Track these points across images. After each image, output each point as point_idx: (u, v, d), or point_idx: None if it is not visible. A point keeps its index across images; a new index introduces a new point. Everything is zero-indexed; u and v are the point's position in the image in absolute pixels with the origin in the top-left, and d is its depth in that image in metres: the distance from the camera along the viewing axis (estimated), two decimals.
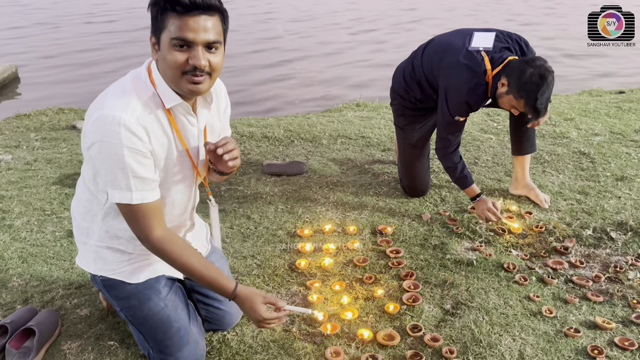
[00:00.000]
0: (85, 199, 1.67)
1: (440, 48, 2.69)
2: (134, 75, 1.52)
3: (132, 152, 1.42)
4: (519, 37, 2.67)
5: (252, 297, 1.60)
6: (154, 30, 1.43)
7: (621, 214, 2.78)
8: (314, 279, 2.31)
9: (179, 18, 1.36)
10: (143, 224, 1.51)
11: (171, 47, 1.39)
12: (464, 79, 2.52)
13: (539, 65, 2.35)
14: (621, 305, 2.14)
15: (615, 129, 3.99)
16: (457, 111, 2.59)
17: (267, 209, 2.94)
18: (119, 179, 1.45)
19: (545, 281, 2.28)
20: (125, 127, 1.39)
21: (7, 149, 3.87)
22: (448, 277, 2.29)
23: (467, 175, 2.71)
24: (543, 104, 2.37)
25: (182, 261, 1.55)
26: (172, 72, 1.42)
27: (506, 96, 2.46)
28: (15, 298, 2.15)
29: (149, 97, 1.48)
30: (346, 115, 4.63)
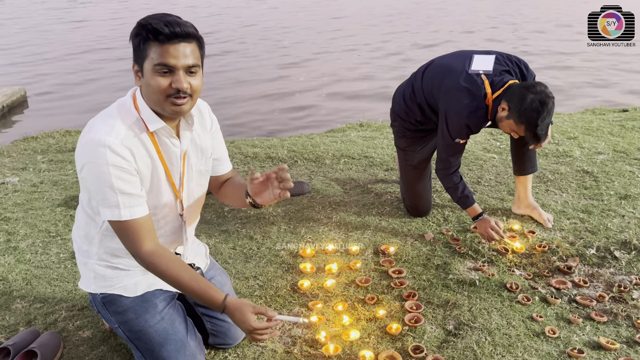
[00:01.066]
0: (84, 222, 1.74)
1: (440, 71, 2.71)
2: (119, 103, 1.62)
3: (118, 170, 1.51)
4: (519, 60, 2.70)
5: (241, 307, 1.61)
6: (137, 59, 1.54)
7: (625, 233, 2.76)
8: (316, 299, 2.31)
9: (161, 46, 1.47)
10: (133, 239, 1.57)
11: (154, 73, 1.49)
12: (464, 102, 2.54)
13: (540, 91, 2.37)
14: (625, 325, 2.12)
15: (618, 147, 3.99)
16: (457, 134, 2.60)
17: (270, 229, 2.95)
18: (108, 197, 1.53)
19: (549, 301, 2.27)
20: (109, 148, 1.49)
21: (14, 172, 3.92)
22: (450, 298, 2.28)
23: (468, 195, 2.71)
24: (543, 130, 2.39)
25: (171, 273, 1.59)
26: (157, 96, 1.52)
27: (506, 120, 2.48)
28: (18, 320, 2.16)
29: (133, 122, 1.57)
30: (349, 135, 4.66)
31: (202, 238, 2.84)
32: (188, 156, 1.74)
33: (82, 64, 9.60)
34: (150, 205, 1.64)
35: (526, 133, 2.44)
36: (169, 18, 1.48)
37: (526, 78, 2.67)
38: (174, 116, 1.59)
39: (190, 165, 1.76)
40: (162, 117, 1.60)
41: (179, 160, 1.70)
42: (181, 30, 1.47)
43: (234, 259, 2.66)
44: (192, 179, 1.78)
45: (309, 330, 2.11)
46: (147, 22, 1.47)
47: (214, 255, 2.67)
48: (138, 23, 1.49)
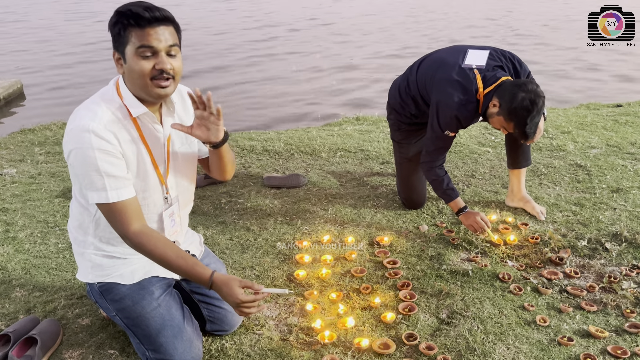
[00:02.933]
0: (78, 213, 1.78)
1: (434, 64, 2.74)
2: (102, 91, 1.67)
3: (102, 153, 1.56)
4: (513, 56, 2.73)
5: (228, 281, 1.65)
6: (117, 46, 1.58)
7: (616, 225, 2.81)
8: (312, 289, 2.34)
9: (142, 30, 1.52)
10: (120, 220, 1.62)
11: (137, 56, 1.54)
12: (455, 95, 2.56)
13: (531, 90, 2.39)
14: (615, 315, 2.16)
15: (611, 142, 4.03)
16: (447, 126, 2.63)
17: (267, 221, 2.98)
18: (95, 180, 1.57)
19: (540, 291, 2.31)
20: (93, 133, 1.54)
21: (11, 163, 3.94)
22: (444, 287, 2.32)
23: (453, 189, 2.75)
24: (532, 129, 2.43)
25: (159, 252, 1.63)
26: (141, 80, 1.56)
27: (497, 117, 2.51)
28: (18, 308, 2.19)
29: (117, 108, 1.62)
30: (346, 129, 4.69)
31: (200, 229, 2.87)
32: (172, 141, 1.78)
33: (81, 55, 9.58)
34: (138, 189, 1.69)
35: (515, 130, 2.47)
36: (146, 4, 1.54)
37: (519, 74, 2.70)
38: (157, 100, 1.64)
39: (175, 150, 1.80)
40: (144, 103, 1.64)
41: (162, 146, 1.74)
42: (160, 14, 1.53)
43: (231, 249, 2.69)
44: (178, 163, 1.82)
45: (304, 319, 2.15)
46: (126, 9, 1.52)
47: (211, 246, 2.70)
48: (116, 11, 1.54)
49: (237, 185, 3.47)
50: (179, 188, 1.86)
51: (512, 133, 2.56)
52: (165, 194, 1.80)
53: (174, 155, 1.79)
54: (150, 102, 1.65)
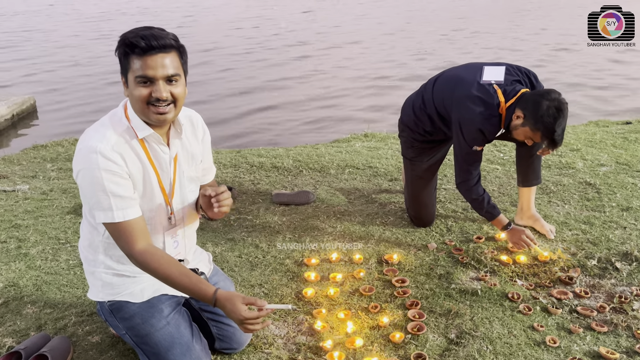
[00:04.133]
0: (88, 232, 1.82)
1: (451, 82, 2.76)
2: (111, 113, 1.72)
3: (109, 174, 1.60)
4: (528, 71, 2.75)
5: (231, 298, 1.66)
6: (122, 71, 1.64)
7: (626, 244, 2.79)
8: (321, 307, 2.35)
9: (140, 59, 1.56)
10: (126, 239, 1.65)
11: (136, 83, 1.59)
12: (478, 110, 2.58)
13: (555, 98, 2.42)
14: (625, 336, 2.14)
15: (621, 160, 4.02)
16: (473, 141, 2.63)
17: (275, 238, 2.99)
18: (102, 200, 1.61)
19: (550, 311, 2.30)
20: (101, 154, 1.58)
21: (24, 179, 3.99)
22: (453, 307, 2.32)
23: (495, 206, 2.75)
24: (560, 135, 2.44)
25: (162, 270, 1.66)
26: (139, 105, 1.62)
27: (522, 128, 2.52)
28: (29, 325, 2.21)
29: (124, 130, 1.66)
30: (354, 146, 4.71)
31: (209, 246, 2.89)
32: (179, 162, 1.81)
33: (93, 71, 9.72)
34: (144, 209, 1.72)
35: (543, 139, 2.48)
36: (145, 32, 1.56)
37: (535, 88, 2.71)
38: (159, 124, 1.68)
39: (182, 171, 1.83)
40: (150, 125, 1.68)
41: (168, 167, 1.77)
42: (157, 42, 1.55)
43: (240, 267, 2.70)
44: (183, 184, 1.85)
45: (313, 338, 2.15)
46: (125, 37, 1.57)
47: (220, 263, 2.71)
48: (119, 38, 1.58)
49: (246, 202, 3.49)
50: (184, 208, 1.88)
51: (527, 148, 2.57)
52: (169, 214, 1.83)
53: (180, 175, 1.83)
54: (155, 125, 1.68)
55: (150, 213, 1.76)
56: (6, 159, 4.71)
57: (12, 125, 6.62)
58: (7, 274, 2.60)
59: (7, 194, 3.65)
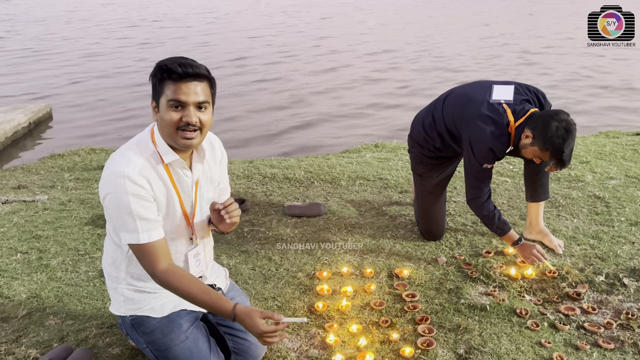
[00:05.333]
0: (112, 250, 1.91)
1: (461, 100, 2.81)
2: (138, 138, 1.80)
3: (136, 197, 1.68)
4: (537, 90, 2.80)
5: (250, 313, 1.73)
6: (154, 96, 1.73)
7: (634, 260, 2.83)
8: (332, 321, 2.41)
9: (174, 84, 1.66)
10: (149, 260, 1.74)
11: (168, 107, 1.68)
12: (488, 129, 2.63)
13: (563, 119, 2.47)
14: (632, 353, 2.18)
15: (630, 173, 4.05)
16: (483, 159, 2.69)
17: (288, 251, 3.06)
18: (128, 222, 1.69)
19: (557, 327, 2.34)
20: (128, 178, 1.66)
21: (43, 189, 4.10)
22: (462, 322, 2.37)
23: (505, 222, 2.80)
24: (568, 156, 2.49)
25: (184, 288, 1.74)
26: (169, 129, 1.70)
27: (531, 147, 2.58)
28: (52, 336, 2.30)
29: (150, 155, 1.75)
30: (364, 157, 4.77)
31: (223, 258, 2.97)
32: (200, 185, 1.91)
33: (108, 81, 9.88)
34: (167, 230, 1.81)
35: (551, 159, 2.53)
36: (183, 60, 1.67)
37: (544, 107, 2.76)
38: (185, 149, 1.76)
39: (202, 193, 1.93)
40: (175, 150, 1.76)
41: (190, 190, 1.87)
42: (193, 70, 1.66)
43: (254, 279, 2.77)
44: (203, 206, 1.95)
45: (325, 352, 2.21)
46: (163, 64, 1.67)
47: (235, 276, 2.79)
48: (156, 64, 1.69)
49: (259, 214, 3.57)
50: (203, 228, 1.97)
51: (535, 164, 2.62)
52: (191, 235, 1.91)
53: (200, 198, 1.91)
54: (180, 149, 1.77)
55: (172, 234, 1.85)
56: (25, 168, 4.84)
57: (29, 133, 6.75)
58: (29, 285, 2.69)
59: (27, 204, 3.76)
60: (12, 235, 3.26)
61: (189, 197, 1.87)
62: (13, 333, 2.32)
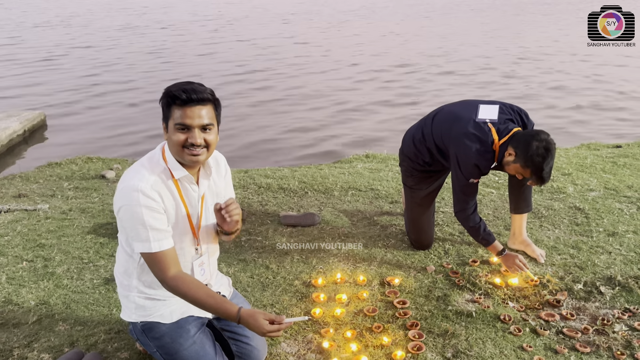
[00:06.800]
0: (124, 260, 2.04)
1: (449, 118, 2.99)
2: (150, 155, 1.97)
3: (148, 209, 1.82)
4: (520, 109, 2.98)
5: (254, 314, 1.88)
6: (164, 118, 1.89)
7: (611, 269, 3.01)
8: (328, 327, 2.55)
9: (180, 109, 1.82)
10: (160, 267, 1.88)
11: (175, 130, 1.84)
12: (474, 147, 2.80)
13: (543, 139, 2.65)
14: (606, 356, 2.36)
15: (609, 185, 4.25)
16: (470, 174, 2.86)
17: (284, 259, 3.20)
18: (140, 232, 1.83)
19: (538, 332, 2.51)
20: (142, 192, 1.81)
21: (43, 198, 4.20)
22: (449, 328, 2.53)
23: (490, 233, 2.98)
24: (548, 174, 2.67)
25: (192, 294, 1.88)
26: (176, 148, 1.86)
27: (513, 164, 2.75)
28: (62, 341, 2.42)
29: (161, 171, 1.90)
30: (356, 167, 4.94)
31: (223, 267, 3.10)
32: (205, 200, 2.06)
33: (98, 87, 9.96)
34: (175, 240, 1.95)
35: (532, 176, 2.71)
36: (187, 86, 1.81)
37: (527, 126, 2.95)
38: (192, 164, 1.92)
39: (207, 207, 2.07)
40: (184, 166, 1.92)
41: (197, 203, 2.01)
42: (196, 96, 1.81)
43: (252, 287, 2.91)
44: (209, 219, 2.09)
45: (321, 355, 2.35)
46: (169, 90, 1.82)
47: (234, 284, 2.92)
48: (164, 90, 1.84)
49: (256, 223, 3.71)
50: (208, 239, 2.12)
51: (522, 179, 2.80)
52: (196, 246, 2.06)
53: (206, 211, 2.06)
54: (189, 165, 1.92)
55: (180, 244, 1.99)
56: (23, 176, 4.93)
57: (24, 141, 6.82)
58: (37, 292, 2.81)
59: (29, 213, 3.86)
60: (16, 243, 3.37)
61: (195, 210, 2.01)
62: (25, 338, 2.43)
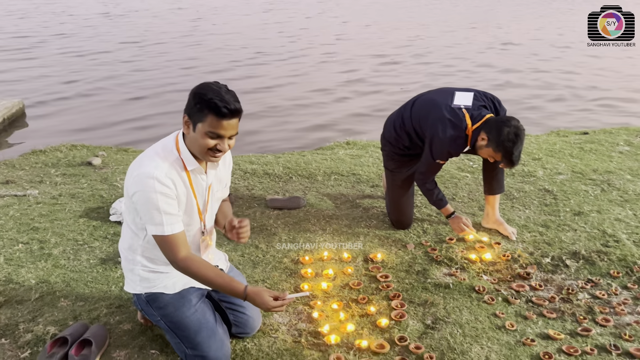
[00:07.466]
0: (129, 237, 2.19)
1: (427, 104, 3.19)
2: (163, 144, 2.08)
3: (163, 195, 1.96)
4: (493, 97, 3.20)
5: (259, 292, 2.06)
6: (191, 115, 1.96)
7: (576, 245, 3.26)
8: (316, 299, 2.74)
9: (217, 120, 1.91)
10: (171, 249, 2.02)
11: (205, 135, 1.94)
12: (448, 132, 3.02)
13: (514, 125, 2.86)
14: (570, 321, 2.60)
15: (576, 169, 4.52)
16: (438, 156, 3.09)
17: (272, 239, 3.37)
18: (154, 216, 1.97)
19: (510, 301, 2.74)
20: (157, 179, 1.94)
21: (32, 184, 4.27)
22: (429, 298, 2.74)
23: (442, 198, 3.26)
24: (517, 157, 2.89)
25: (202, 274, 2.04)
26: (201, 149, 1.99)
27: (486, 148, 2.96)
28: (66, 316, 2.55)
29: (174, 160, 2.03)
30: (338, 153, 5.11)
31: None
32: (212, 188, 2.22)
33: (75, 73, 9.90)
34: (184, 223, 2.10)
35: (503, 159, 2.93)
36: (227, 97, 1.89)
37: (499, 112, 3.16)
38: (208, 162, 2.09)
39: (213, 193, 2.24)
40: (196, 158, 2.06)
41: (205, 191, 2.18)
42: (235, 108, 1.91)
43: (244, 265, 3.07)
44: (213, 204, 2.27)
45: (312, 324, 2.54)
46: (211, 99, 1.88)
47: None
48: (201, 92, 1.90)
49: (244, 207, 3.86)
50: (211, 221, 2.30)
51: (496, 161, 3.02)
52: (202, 228, 2.23)
53: (211, 198, 2.23)
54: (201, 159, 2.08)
55: (188, 227, 2.15)
56: (8, 163, 4.96)
57: (2, 130, 6.81)
58: (36, 272, 2.92)
59: (19, 199, 3.94)
60: (10, 227, 3.46)
61: (202, 197, 2.17)
62: (29, 314, 2.56)
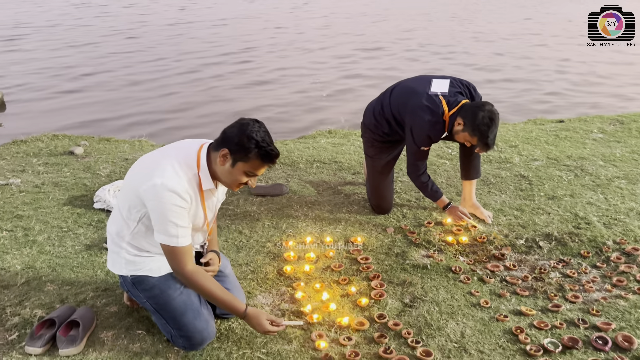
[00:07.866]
0: (119, 224, 2.25)
1: (405, 92, 3.28)
2: (185, 155, 2.14)
3: (180, 209, 2.07)
4: (469, 83, 3.29)
5: (258, 315, 2.22)
6: (234, 152, 2.07)
7: (549, 227, 3.38)
8: (299, 281, 2.82)
9: (261, 164, 2.10)
10: (179, 260, 2.13)
11: (243, 173, 2.11)
12: (426, 118, 3.10)
13: (489, 110, 2.96)
14: (542, 298, 2.71)
15: (551, 155, 4.66)
16: (421, 142, 3.18)
17: (256, 225, 3.44)
18: (169, 229, 2.07)
19: (485, 280, 2.85)
20: (176, 193, 2.04)
21: (14, 173, 4.27)
22: (407, 278, 2.84)
23: (437, 190, 3.34)
24: (492, 140, 2.98)
25: (207, 287, 2.17)
26: (232, 182, 2.15)
27: (462, 133, 3.06)
28: (52, 299, 2.59)
29: (192, 175, 2.13)
30: (320, 142, 5.18)
31: None
32: (218, 202, 2.36)
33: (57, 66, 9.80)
34: (193, 231, 2.23)
35: (478, 143, 3.02)
36: (274, 147, 2.07)
37: (474, 98, 3.26)
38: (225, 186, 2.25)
39: (217, 206, 2.39)
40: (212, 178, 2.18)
41: (213, 206, 2.31)
42: (278, 154, 2.10)
43: (227, 249, 3.14)
44: (214, 213, 2.39)
45: (294, 305, 2.62)
46: (262, 147, 2.04)
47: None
48: (258, 141, 2.04)
49: (227, 193, 3.90)
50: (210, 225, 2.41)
51: (469, 148, 3.11)
52: (206, 235, 2.40)
53: (216, 210, 2.37)
54: None
55: (195, 233, 2.29)
56: None
57: None
58: (21, 258, 2.95)
59: (1, 187, 3.94)
60: None
61: (211, 210, 2.30)
62: (16, 298, 2.59)
